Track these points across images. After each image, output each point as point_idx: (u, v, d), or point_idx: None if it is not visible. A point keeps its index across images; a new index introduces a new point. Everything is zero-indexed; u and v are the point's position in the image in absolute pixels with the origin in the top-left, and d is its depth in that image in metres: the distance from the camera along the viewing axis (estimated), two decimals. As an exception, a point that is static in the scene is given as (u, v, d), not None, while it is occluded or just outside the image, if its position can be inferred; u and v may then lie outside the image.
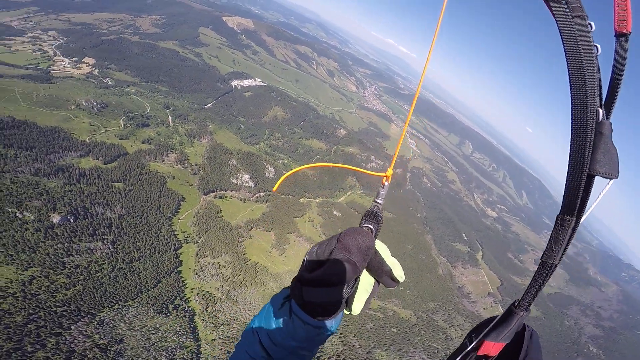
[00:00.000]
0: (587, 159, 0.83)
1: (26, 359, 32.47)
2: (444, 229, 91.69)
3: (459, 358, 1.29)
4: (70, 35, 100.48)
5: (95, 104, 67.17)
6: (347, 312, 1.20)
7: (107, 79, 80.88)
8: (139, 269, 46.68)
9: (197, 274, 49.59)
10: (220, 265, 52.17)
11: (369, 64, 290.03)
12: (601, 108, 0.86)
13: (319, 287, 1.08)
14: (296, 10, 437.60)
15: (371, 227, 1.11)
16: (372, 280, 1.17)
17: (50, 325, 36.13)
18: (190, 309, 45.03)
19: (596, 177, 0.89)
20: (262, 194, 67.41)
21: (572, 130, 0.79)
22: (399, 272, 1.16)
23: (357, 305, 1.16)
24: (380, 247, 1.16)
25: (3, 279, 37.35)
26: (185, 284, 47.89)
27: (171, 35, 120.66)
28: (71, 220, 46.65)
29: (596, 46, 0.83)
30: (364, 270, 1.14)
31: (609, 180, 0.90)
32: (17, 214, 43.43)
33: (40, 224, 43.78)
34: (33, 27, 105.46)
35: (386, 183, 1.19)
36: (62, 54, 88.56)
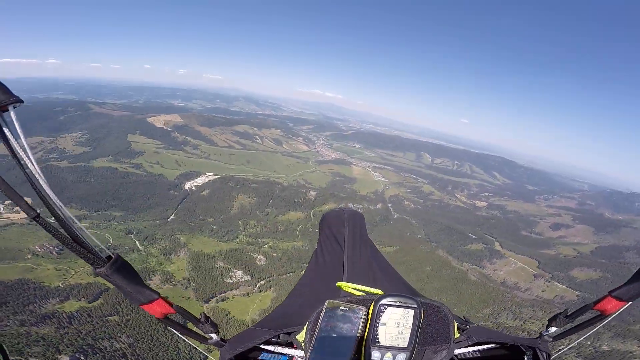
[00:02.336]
0: None
1: None
2: (450, 237, 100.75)
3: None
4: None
5: (52, 247, 69.05)
6: None
7: (53, 218, 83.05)
8: None
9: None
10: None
11: (307, 119, 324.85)
12: None
13: None
14: (220, 92, 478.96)
15: None
16: None
17: None
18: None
19: None
20: (262, 282, 72.06)
21: None
22: None
23: None
24: None
25: None
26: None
27: (101, 152, 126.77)
28: (82, 358, 47.85)
29: None
30: None
31: (11, 109, 1.05)
32: None
33: None
34: None
35: None
36: None
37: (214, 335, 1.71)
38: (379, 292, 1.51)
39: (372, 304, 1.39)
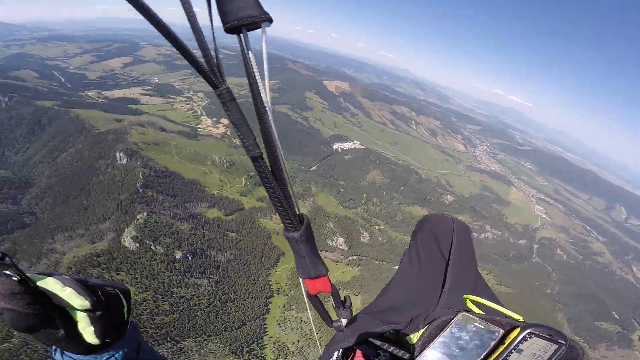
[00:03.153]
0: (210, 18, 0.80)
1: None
2: (585, 306, 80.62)
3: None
4: (212, 97, 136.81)
5: (225, 161, 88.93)
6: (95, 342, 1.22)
7: (235, 139, 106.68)
8: (231, 309, 56.55)
9: (279, 324, 57.07)
10: (302, 320, 58.46)
11: (477, 119, 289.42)
12: None
13: (30, 333, 1.13)
14: (388, 70, 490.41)
15: (7, 272, 1.05)
16: (81, 313, 1.18)
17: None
18: (262, 355, 51.61)
19: (245, 28, 0.85)
20: (354, 257, 74.23)
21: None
22: (77, 302, 1.13)
23: (88, 337, 1.19)
24: (47, 283, 1.13)
25: (122, 296, 52.60)
26: (266, 332, 55.55)
27: (284, 100, 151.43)
28: (189, 258, 60.68)
29: None
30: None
31: (261, 26, 0.87)
32: (152, 247, 59.00)
33: (166, 257, 58.34)
34: (187, 89, 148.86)
35: None
36: (207, 114, 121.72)
37: (344, 321, 1.60)
38: (520, 317, 1.38)
39: (518, 329, 1.24)
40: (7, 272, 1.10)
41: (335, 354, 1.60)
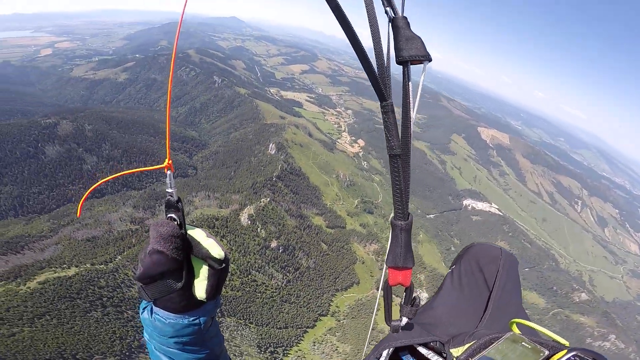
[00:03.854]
0: (387, 50, 1.09)
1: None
2: None
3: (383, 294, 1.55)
4: (358, 117, 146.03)
5: (347, 179, 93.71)
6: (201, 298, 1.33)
7: (365, 162, 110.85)
8: (284, 309, 58.53)
9: (314, 343, 56.20)
10: (337, 350, 56.42)
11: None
12: (390, 7, 1.17)
13: (150, 282, 1.22)
14: (570, 131, 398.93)
15: (173, 215, 1.22)
16: (204, 265, 1.29)
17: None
18: (280, 361, 51.28)
19: (410, 63, 1.18)
20: None
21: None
22: (216, 251, 1.24)
23: (199, 291, 1.29)
24: (195, 232, 1.28)
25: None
26: (299, 344, 55.30)
27: (426, 137, 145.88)
28: (280, 250, 66.07)
29: None
30: (196, 257, 1.28)
31: (423, 63, 1.20)
32: (258, 228, 66.82)
33: (263, 242, 64.96)
34: (341, 104, 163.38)
35: (168, 172, 1.24)
36: (348, 131, 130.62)
37: (405, 320, 1.64)
38: (567, 343, 1.42)
39: (564, 351, 1.29)
40: (173, 215, 1.25)
41: (385, 352, 1.64)
